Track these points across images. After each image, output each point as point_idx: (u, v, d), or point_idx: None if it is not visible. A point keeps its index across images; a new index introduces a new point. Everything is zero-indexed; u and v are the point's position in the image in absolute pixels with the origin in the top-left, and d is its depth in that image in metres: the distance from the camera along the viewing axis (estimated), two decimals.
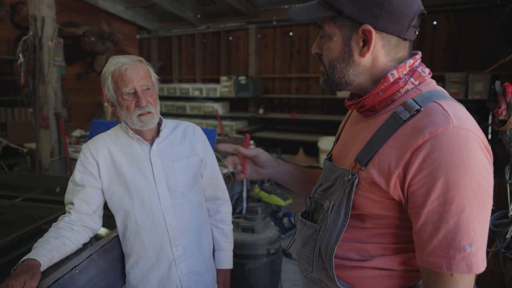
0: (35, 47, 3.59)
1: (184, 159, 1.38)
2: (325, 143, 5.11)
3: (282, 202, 3.83)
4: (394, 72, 0.78)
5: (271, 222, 2.57)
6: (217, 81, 6.71)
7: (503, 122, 1.56)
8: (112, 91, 1.27)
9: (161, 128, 1.36)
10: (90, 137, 3.07)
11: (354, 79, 0.81)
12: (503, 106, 1.54)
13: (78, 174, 1.31)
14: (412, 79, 0.78)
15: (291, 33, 6.13)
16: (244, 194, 3.77)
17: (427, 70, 0.81)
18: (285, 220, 3.78)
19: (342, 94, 5.34)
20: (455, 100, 0.75)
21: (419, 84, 0.78)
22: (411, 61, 0.79)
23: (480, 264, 0.67)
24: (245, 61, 6.65)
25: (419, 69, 0.79)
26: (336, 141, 0.98)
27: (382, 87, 0.78)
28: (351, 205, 0.78)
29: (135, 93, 1.25)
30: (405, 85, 0.78)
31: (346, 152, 0.86)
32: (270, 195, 3.91)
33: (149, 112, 1.27)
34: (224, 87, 6.28)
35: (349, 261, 0.81)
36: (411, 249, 0.78)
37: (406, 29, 0.76)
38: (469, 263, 0.66)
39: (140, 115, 1.26)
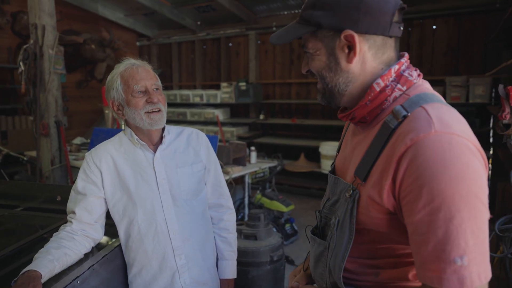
0: (35, 56, 3.59)
1: (188, 166, 1.37)
2: (326, 148, 5.10)
3: (284, 208, 3.81)
4: (380, 81, 0.76)
5: (273, 229, 2.55)
6: (217, 87, 6.72)
7: (507, 126, 1.55)
8: (122, 90, 1.28)
9: (164, 135, 1.36)
10: (91, 144, 3.06)
11: (345, 88, 0.78)
12: (507, 110, 1.53)
13: (80, 183, 1.30)
14: (399, 85, 0.76)
15: None
16: (246, 201, 3.75)
17: (415, 73, 0.78)
18: (288, 226, 3.75)
19: None
20: (445, 103, 0.73)
21: (407, 89, 0.76)
22: (396, 66, 0.77)
23: (475, 278, 0.61)
24: (245, 67, 6.66)
25: (406, 73, 0.77)
26: (338, 152, 0.96)
27: (369, 97, 0.76)
28: (354, 221, 0.75)
29: (146, 92, 1.28)
30: (392, 92, 0.76)
31: (347, 164, 0.85)
32: (272, 201, 3.89)
33: (159, 110, 1.28)
34: (224, 93, 6.29)
35: (362, 276, 0.79)
36: None
37: (389, 25, 0.74)
38: (461, 277, 0.61)
39: (149, 112, 1.27)
